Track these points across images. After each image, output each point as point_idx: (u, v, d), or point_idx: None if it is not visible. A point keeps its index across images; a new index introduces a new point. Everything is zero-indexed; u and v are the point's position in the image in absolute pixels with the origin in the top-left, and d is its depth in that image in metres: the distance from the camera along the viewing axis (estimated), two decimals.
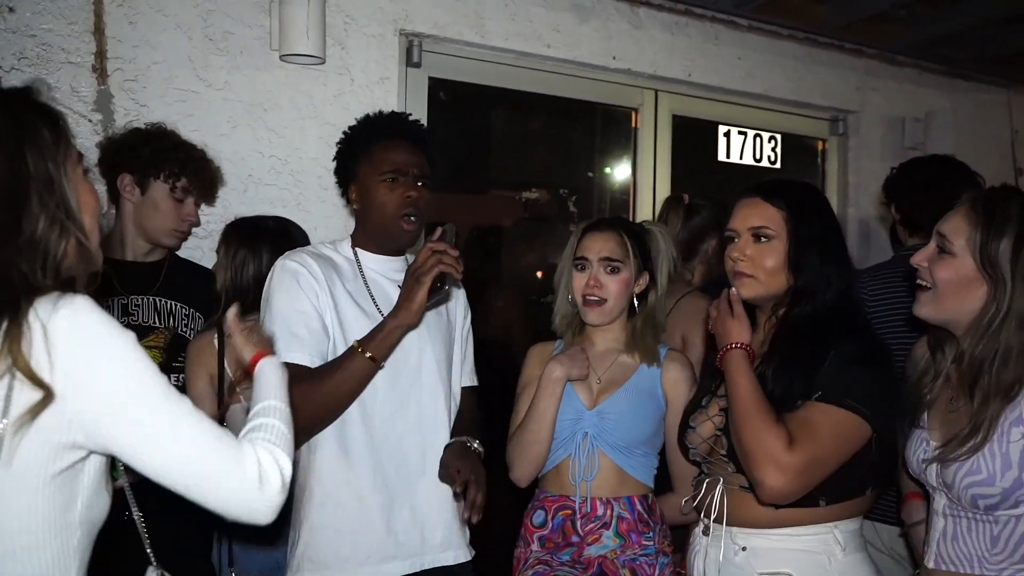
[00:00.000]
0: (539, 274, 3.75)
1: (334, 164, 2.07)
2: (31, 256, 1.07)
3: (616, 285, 2.04)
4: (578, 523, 1.97)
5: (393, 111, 2.08)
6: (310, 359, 1.80)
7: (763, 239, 1.73)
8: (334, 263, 1.94)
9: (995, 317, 1.50)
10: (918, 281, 1.63)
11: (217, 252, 2.34)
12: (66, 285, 1.11)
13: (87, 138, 2.53)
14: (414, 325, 1.80)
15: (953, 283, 1.55)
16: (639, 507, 2.00)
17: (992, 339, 1.50)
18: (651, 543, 1.98)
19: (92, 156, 2.48)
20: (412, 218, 1.92)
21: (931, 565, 1.61)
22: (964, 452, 1.51)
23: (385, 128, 1.98)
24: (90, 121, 2.55)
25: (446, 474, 1.85)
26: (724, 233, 1.82)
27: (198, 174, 2.38)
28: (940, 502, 1.61)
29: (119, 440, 1.11)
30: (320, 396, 1.75)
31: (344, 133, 2.05)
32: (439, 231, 1.80)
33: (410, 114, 2.11)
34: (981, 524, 1.54)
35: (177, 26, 2.67)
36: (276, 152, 2.83)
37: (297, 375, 1.68)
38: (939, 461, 1.58)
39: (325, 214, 2.87)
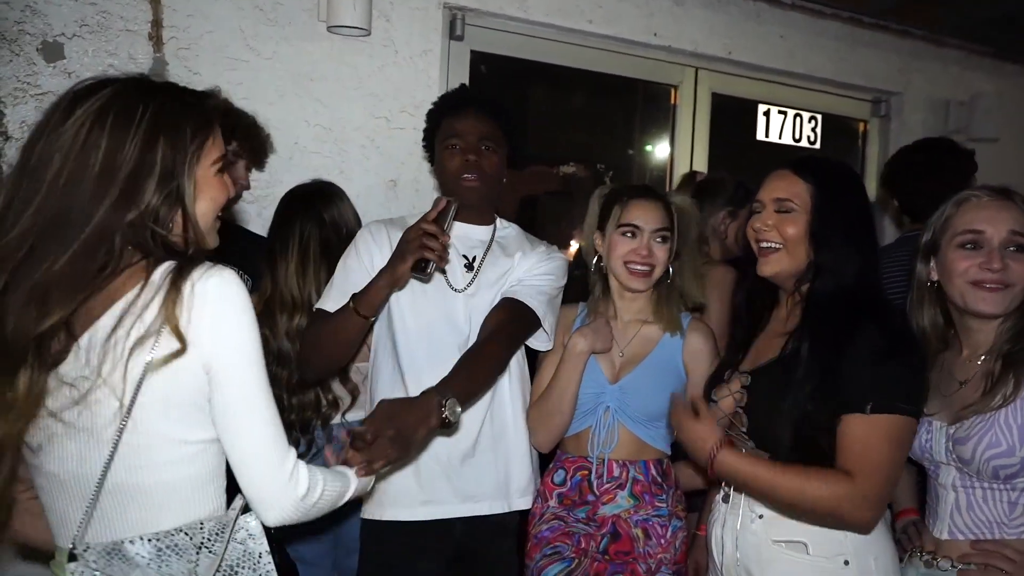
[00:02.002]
0: (572, 246, 3.80)
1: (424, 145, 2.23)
2: (141, 225, 1.22)
3: (664, 255, 2.06)
4: (594, 483, 2.03)
5: (462, 87, 2.25)
6: (333, 307, 1.94)
7: (785, 211, 1.74)
8: (407, 226, 1.95)
9: None
10: (989, 285, 1.66)
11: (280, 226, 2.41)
12: (177, 255, 1.25)
13: None
14: (398, 288, 1.90)
15: None
16: (653, 471, 2.04)
17: None
18: (664, 505, 2.03)
19: None
20: (471, 176, 2.02)
21: (944, 536, 1.66)
22: (985, 408, 1.60)
23: (451, 100, 2.14)
24: None
25: (369, 418, 1.62)
26: (752, 207, 1.82)
27: (248, 139, 2.46)
28: (948, 476, 1.67)
29: (222, 392, 1.25)
30: (321, 341, 1.94)
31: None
32: (440, 204, 1.86)
33: (479, 90, 2.28)
34: (998, 492, 1.63)
35: None
36: (321, 121, 2.90)
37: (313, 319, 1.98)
38: (961, 441, 1.63)
39: (367, 183, 2.95)
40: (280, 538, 2.17)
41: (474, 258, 2.08)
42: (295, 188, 2.48)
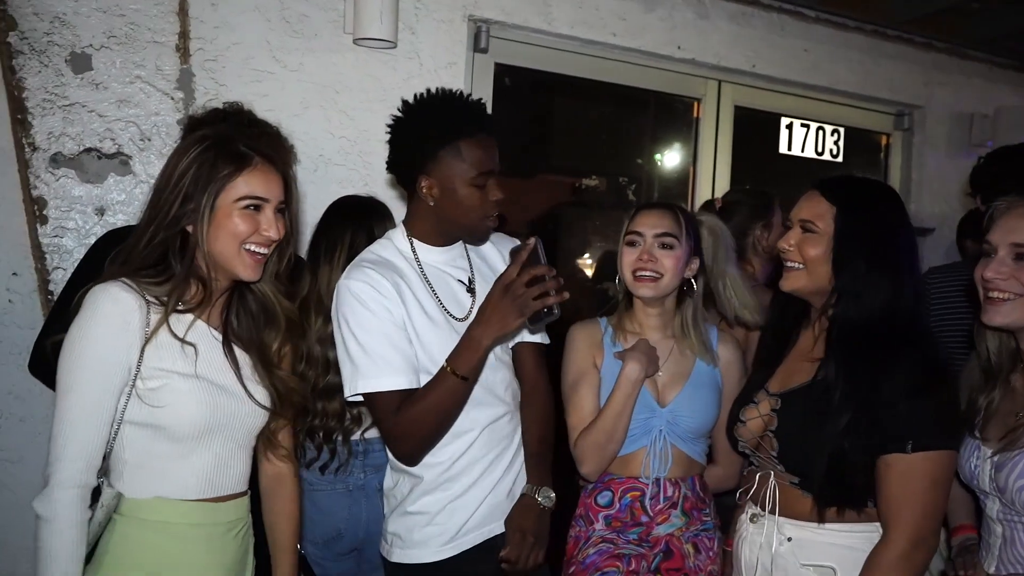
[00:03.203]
0: (585, 261, 3.77)
1: (396, 151, 1.91)
2: (166, 235, 1.54)
3: (670, 261, 1.98)
4: (647, 504, 1.98)
5: (468, 99, 1.88)
6: (407, 380, 1.78)
7: (808, 232, 1.72)
8: (395, 267, 1.87)
9: None
10: (994, 294, 1.58)
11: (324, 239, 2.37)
12: (196, 274, 1.58)
13: (169, 115, 2.64)
14: (505, 341, 1.82)
15: None
16: (698, 486, 2.03)
17: None
18: (709, 518, 2.02)
19: (175, 133, 2.59)
20: (496, 215, 1.89)
21: (992, 570, 1.60)
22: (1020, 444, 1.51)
23: (471, 122, 1.83)
24: (172, 99, 2.65)
25: (507, 532, 1.90)
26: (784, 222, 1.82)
27: (271, 150, 2.45)
28: (993, 507, 1.61)
29: None
30: (424, 418, 1.76)
31: (396, 118, 1.88)
32: (529, 245, 1.69)
33: (481, 100, 1.95)
34: None
35: (256, 8, 2.75)
36: (346, 133, 2.90)
37: (402, 401, 1.75)
38: (999, 468, 1.57)
39: (392, 195, 2.93)
40: (302, 554, 2.17)
41: (469, 279, 1.96)
42: (347, 197, 2.47)
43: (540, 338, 2.06)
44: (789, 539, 1.71)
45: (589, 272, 3.90)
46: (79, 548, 1.44)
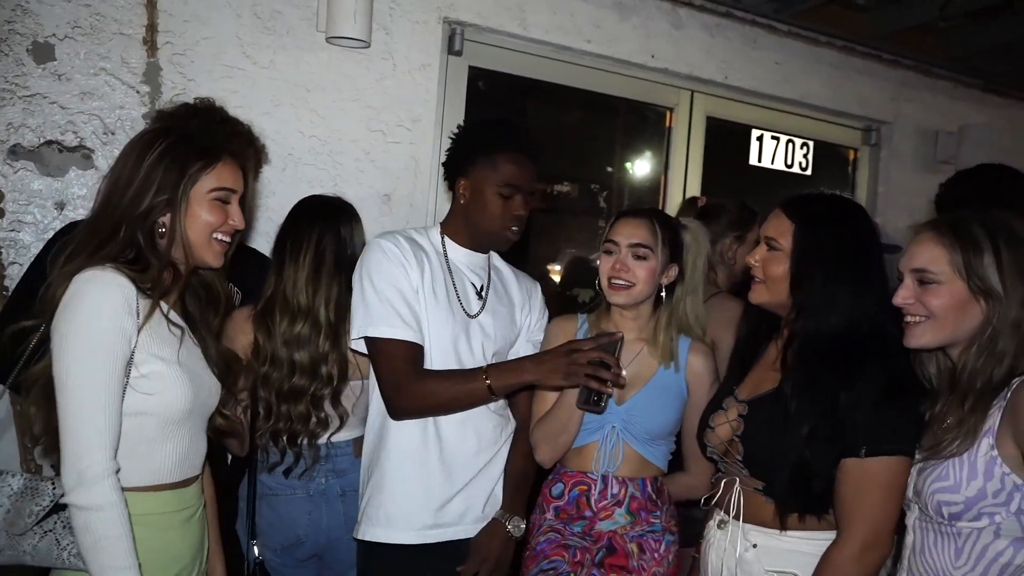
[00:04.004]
0: (555, 267, 3.76)
1: (448, 153, 2.11)
2: (139, 225, 1.55)
3: (643, 271, 2.03)
4: (593, 500, 2.04)
5: (517, 125, 2.14)
6: (414, 335, 1.93)
7: (772, 249, 1.79)
8: (423, 248, 2.04)
9: (995, 330, 1.52)
10: (908, 319, 1.62)
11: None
12: (158, 259, 1.57)
13: (134, 109, 2.58)
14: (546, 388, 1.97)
15: (950, 308, 1.56)
16: (650, 488, 2.06)
17: (991, 350, 1.52)
18: (658, 521, 2.05)
19: (139, 127, 2.52)
20: (516, 229, 2.04)
21: None
22: (949, 453, 1.52)
23: (513, 138, 2.04)
24: (137, 92, 2.59)
25: (471, 551, 2.03)
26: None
27: (237, 145, 2.40)
28: (912, 516, 1.63)
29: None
30: (437, 398, 1.91)
31: (460, 127, 2.13)
32: (615, 337, 1.83)
33: (529, 131, 2.17)
34: (945, 538, 1.55)
35: (227, 3, 2.70)
36: (316, 132, 2.86)
37: (417, 361, 1.92)
38: (920, 471, 1.59)
39: (361, 196, 2.89)
40: (260, 560, 2.14)
41: (481, 287, 2.12)
42: (313, 197, 2.41)
43: None
44: (754, 545, 1.75)
45: (558, 278, 3.90)
46: (131, 527, 1.45)
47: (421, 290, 1.98)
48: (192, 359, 1.63)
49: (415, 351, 1.93)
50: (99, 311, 1.45)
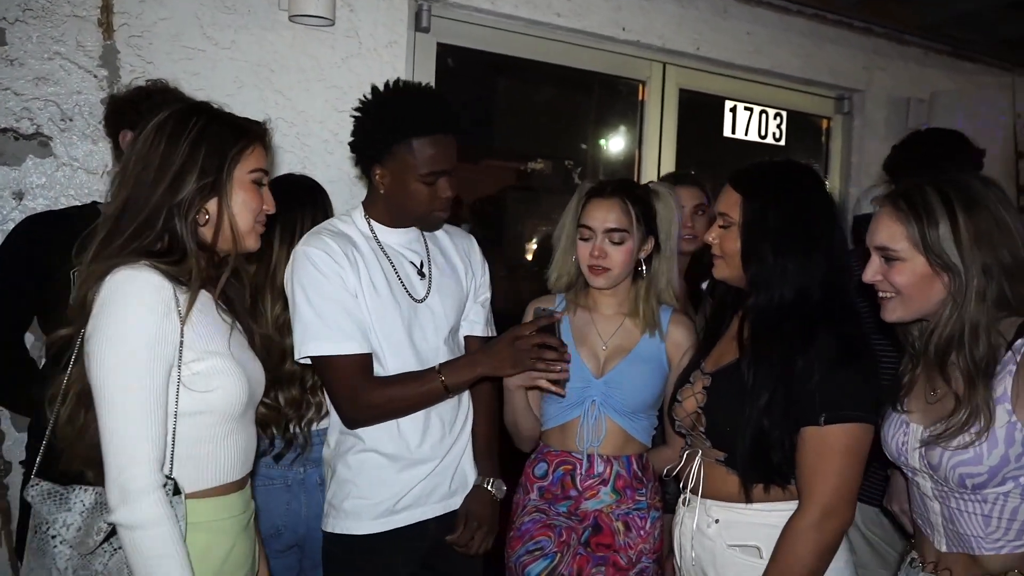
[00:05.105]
0: (531, 245, 3.73)
1: (352, 137, 1.96)
2: (179, 213, 1.47)
3: (620, 255, 2.03)
4: (578, 479, 2.04)
5: (431, 96, 1.97)
6: (359, 346, 1.85)
7: (725, 226, 1.78)
8: (352, 241, 1.93)
9: (957, 300, 1.50)
10: (881, 294, 1.61)
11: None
12: (204, 249, 1.52)
13: (92, 93, 2.50)
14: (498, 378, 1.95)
15: (914, 284, 1.55)
16: (635, 465, 2.06)
17: (957, 320, 1.51)
18: (643, 498, 2.06)
19: (98, 112, 2.45)
20: (445, 210, 1.96)
21: (943, 548, 1.60)
22: (971, 439, 1.49)
23: (427, 122, 1.86)
24: (95, 76, 2.51)
25: (460, 517, 2.02)
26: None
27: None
28: (926, 485, 1.61)
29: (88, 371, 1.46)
30: (394, 404, 1.87)
31: (362, 104, 1.93)
32: (555, 317, 1.82)
33: (446, 98, 1.99)
34: (971, 504, 1.54)
35: None
36: (282, 114, 2.79)
37: (367, 370, 1.86)
38: (931, 446, 1.56)
39: (330, 177, 2.83)
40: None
41: (421, 263, 2.03)
42: (292, 176, 2.38)
43: (488, 331, 2.14)
44: (716, 520, 1.76)
45: (531, 257, 3.87)
46: (184, 543, 1.38)
47: (360, 292, 1.88)
48: (242, 348, 1.57)
49: (363, 360, 1.85)
50: (136, 315, 1.37)
